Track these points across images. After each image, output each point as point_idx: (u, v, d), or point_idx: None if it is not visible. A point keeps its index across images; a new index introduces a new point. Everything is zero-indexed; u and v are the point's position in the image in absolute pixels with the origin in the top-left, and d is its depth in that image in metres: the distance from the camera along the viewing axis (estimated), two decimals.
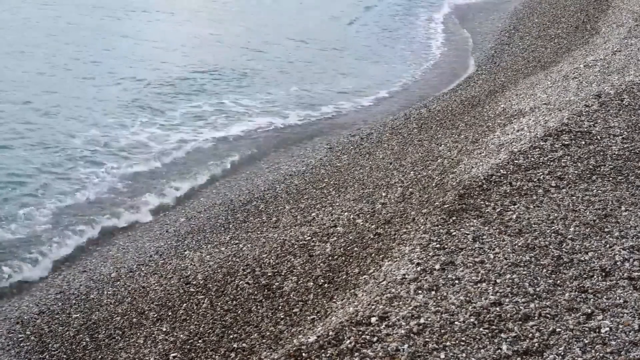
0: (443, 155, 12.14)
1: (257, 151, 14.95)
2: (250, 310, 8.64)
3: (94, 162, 13.80)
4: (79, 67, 18.80)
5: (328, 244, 9.72)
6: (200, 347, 8.15)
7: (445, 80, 19.97)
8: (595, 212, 8.60)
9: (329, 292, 8.37)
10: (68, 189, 12.70)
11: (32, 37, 20.57)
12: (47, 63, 18.60)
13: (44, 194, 12.36)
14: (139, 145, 14.85)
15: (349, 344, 6.33)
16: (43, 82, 17.30)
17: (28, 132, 14.72)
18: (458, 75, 20.38)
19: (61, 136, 14.70)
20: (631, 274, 7.25)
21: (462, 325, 6.48)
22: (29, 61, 18.56)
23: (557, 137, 10.77)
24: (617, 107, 12.02)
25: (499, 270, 7.34)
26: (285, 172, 14.12)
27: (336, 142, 15.13)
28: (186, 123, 16.06)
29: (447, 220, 8.50)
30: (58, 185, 12.83)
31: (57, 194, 12.51)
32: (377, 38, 24.11)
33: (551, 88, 14.52)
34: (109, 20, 23.73)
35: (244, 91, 18.07)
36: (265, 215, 11.90)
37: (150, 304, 9.59)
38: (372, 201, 10.98)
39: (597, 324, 6.47)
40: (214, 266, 10.08)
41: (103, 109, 16.22)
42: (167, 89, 17.95)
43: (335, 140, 15.31)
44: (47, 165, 13.38)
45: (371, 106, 18.18)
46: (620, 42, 17.26)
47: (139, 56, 20.12)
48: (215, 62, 19.85)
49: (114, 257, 11.30)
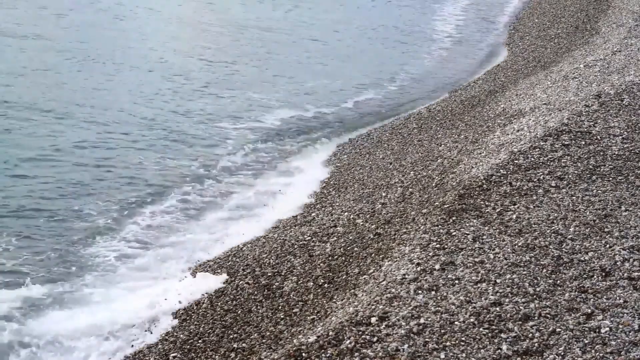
0: (443, 155, 12.14)
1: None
2: (250, 310, 8.64)
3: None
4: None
5: (328, 244, 9.72)
6: (200, 347, 8.15)
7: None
8: (595, 212, 8.60)
9: (329, 292, 8.36)
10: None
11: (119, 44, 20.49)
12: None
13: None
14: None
15: (349, 344, 6.33)
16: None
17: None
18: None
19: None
20: (631, 274, 7.25)
21: (462, 326, 6.48)
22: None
23: (557, 137, 10.77)
24: (617, 107, 12.02)
25: (499, 270, 7.34)
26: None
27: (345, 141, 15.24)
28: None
29: (447, 220, 8.50)
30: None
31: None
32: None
33: (551, 88, 14.52)
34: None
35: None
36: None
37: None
38: (372, 201, 10.97)
39: (597, 324, 6.47)
40: (215, 266, 10.08)
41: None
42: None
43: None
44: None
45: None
46: (620, 42, 17.26)
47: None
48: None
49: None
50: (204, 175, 13.08)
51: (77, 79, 17.02)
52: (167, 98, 16.57)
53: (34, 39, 19.46)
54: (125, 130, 14.50)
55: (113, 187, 12.25)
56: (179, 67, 18.82)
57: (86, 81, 16.91)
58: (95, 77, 17.26)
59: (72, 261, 10.09)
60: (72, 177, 12.38)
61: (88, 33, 20.77)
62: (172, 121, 15.28)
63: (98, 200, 11.74)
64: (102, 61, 18.44)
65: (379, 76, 19.66)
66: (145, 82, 17.43)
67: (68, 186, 12.07)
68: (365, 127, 16.15)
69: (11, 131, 13.80)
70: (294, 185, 12.95)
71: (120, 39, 20.71)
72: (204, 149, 14.16)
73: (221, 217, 11.73)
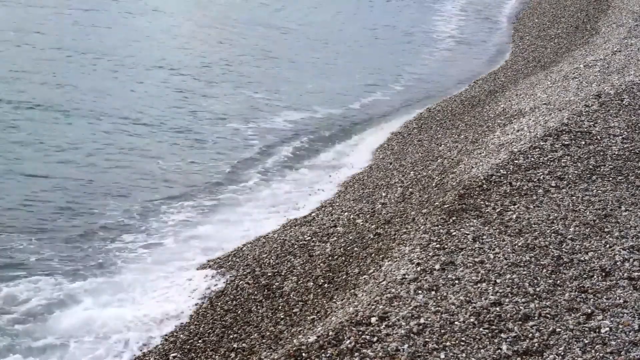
0: (443, 155, 12.14)
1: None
2: (250, 310, 8.64)
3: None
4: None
5: (328, 244, 9.72)
6: (200, 347, 8.15)
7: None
8: (595, 212, 8.60)
9: (329, 292, 8.37)
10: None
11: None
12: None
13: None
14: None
15: (349, 344, 6.33)
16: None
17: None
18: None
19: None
20: (631, 274, 7.25)
21: (462, 326, 6.47)
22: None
23: (557, 137, 10.77)
24: (617, 107, 12.02)
25: (499, 270, 7.34)
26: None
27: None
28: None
29: (447, 220, 8.50)
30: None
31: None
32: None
33: (551, 88, 14.52)
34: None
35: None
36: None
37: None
38: (372, 201, 10.98)
39: (597, 324, 6.47)
40: (214, 266, 10.08)
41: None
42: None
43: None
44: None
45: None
46: (620, 42, 17.26)
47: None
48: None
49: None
50: (221, 177, 13.14)
51: (92, 80, 17.28)
52: (180, 96, 16.83)
53: (55, 40, 19.70)
54: (141, 131, 14.69)
55: (134, 187, 12.40)
56: (184, 66, 18.96)
57: (97, 82, 17.12)
58: (107, 78, 17.49)
59: (92, 258, 10.28)
60: (94, 177, 12.55)
61: (99, 33, 20.97)
62: (184, 121, 15.49)
63: (118, 200, 11.89)
64: (110, 60, 18.65)
65: (385, 77, 19.73)
66: (157, 82, 17.66)
67: (91, 185, 12.24)
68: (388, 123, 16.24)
69: (35, 133, 14.04)
70: (318, 184, 12.95)
71: (130, 39, 20.88)
72: (219, 150, 14.27)
73: (235, 219, 11.74)
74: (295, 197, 12.37)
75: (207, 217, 11.63)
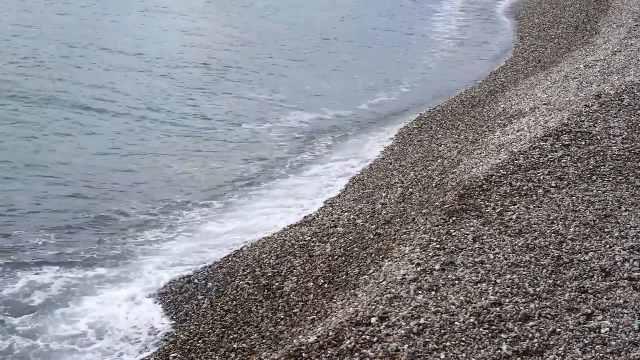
0: (443, 155, 12.14)
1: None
2: (250, 310, 8.64)
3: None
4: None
5: (328, 244, 9.72)
6: (200, 347, 8.15)
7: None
8: (595, 212, 8.60)
9: (329, 292, 8.37)
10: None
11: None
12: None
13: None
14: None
15: (349, 344, 6.33)
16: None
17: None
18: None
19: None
20: (631, 274, 7.25)
21: (462, 326, 6.47)
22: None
23: (557, 137, 10.77)
24: (617, 107, 12.02)
25: (499, 270, 7.34)
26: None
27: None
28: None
29: (447, 220, 8.50)
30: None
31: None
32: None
33: (551, 88, 14.52)
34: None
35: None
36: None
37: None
38: (372, 201, 10.98)
39: (597, 324, 6.47)
40: (214, 266, 10.09)
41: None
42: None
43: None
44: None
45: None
46: (620, 42, 17.26)
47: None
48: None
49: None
50: (238, 176, 13.27)
51: (100, 78, 17.49)
52: (194, 95, 17.15)
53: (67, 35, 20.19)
54: (155, 133, 14.96)
55: (154, 188, 12.65)
56: (191, 64, 19.14)
57: (107, 80, 17.37)
58: (117, 77, 17.75)
59: (112, 250, 10.61)
60: (116, 178, 12.82)
61: (107, 33, 21.25)
62: (194, 122, 15.72)
63: (138, 200, 12.13)
64: (120, 58, 18.95)
65: (390, 78, 19.79)
66: (170, 82, 17.93)
67: (115, 187, 12.50)
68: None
69: (61, 131, 14.44)
70: (332, 185, 13.01)
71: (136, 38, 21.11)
72: (232, 150, 14.40)
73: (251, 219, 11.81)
74: (310, 193, 12.57)
75: (220, 215, 11.86)
